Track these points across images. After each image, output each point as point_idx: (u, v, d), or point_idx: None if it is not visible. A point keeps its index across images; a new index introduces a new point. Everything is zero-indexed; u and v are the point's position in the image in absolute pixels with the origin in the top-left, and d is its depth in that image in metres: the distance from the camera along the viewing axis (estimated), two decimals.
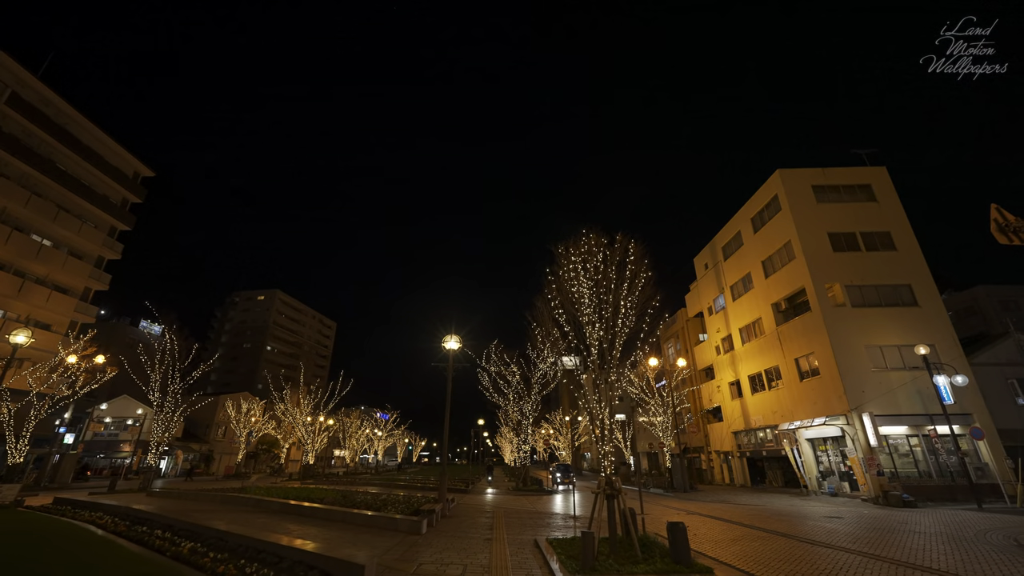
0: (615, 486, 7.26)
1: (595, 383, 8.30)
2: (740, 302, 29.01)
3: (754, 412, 26.96)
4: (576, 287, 8.98)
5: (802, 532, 10.91)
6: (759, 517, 13.70)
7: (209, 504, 14.17)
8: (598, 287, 8.89)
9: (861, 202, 24.19)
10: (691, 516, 13.95)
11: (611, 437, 7.80)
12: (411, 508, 10.83)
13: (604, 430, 7.81)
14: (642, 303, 8.91)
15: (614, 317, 8.64)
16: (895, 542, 9.64)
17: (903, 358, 20.59)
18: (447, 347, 13.50)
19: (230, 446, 47.66)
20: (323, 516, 11.05)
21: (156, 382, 23.57)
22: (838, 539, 10.00)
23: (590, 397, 8.10)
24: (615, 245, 9.15)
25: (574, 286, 9.02)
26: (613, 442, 7.97)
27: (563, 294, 9.00)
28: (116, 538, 7.09)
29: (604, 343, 8.43)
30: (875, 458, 18.71)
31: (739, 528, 11.50)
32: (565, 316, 8.96)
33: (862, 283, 22.13)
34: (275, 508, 12.44)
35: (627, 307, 8.72)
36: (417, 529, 9.09)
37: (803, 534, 10.66)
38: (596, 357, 8.48)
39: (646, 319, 8.87)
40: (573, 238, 9.16)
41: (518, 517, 12.66)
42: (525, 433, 27.05)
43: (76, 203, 34.66)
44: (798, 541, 9.75)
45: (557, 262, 9.42)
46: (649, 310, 8.90)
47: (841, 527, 11.78)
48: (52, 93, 32.67)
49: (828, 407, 20.74)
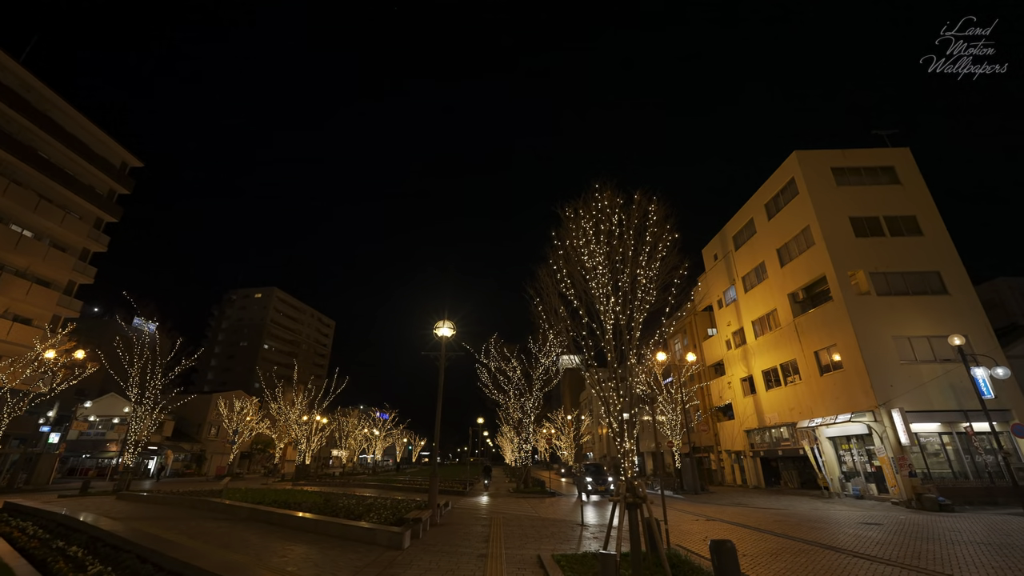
0: (639, 492, 5.82)
1: (611, 368, 6.86)
2: (753, 293, 27.52)
3: (769, 409, 25.47)
4: (588, 255, 7.54)
5: (846, 543, 9.46)
6: (788, 524, 12.24)
7: (175, 509, 12.78)
8: (613, 253, 7.45)
9: (884, 185, 22.70)
10: (711, 523, 12.50)
11: (631, 433, 6.35)
12: (395, 516, 9.42)
13: (623, 425, 6.36)
14: (665, 273, 7.45)
15: (632, 290, 7.19)
16: (956, 557, 8.19)
17: (933, 350, 19.11)
18: (439, 334, 12.08)
19: (223, 446, 46.30)
20: (294, 525, 9.63)
21: (134, 377, 22.18)
22: (890, 552, 8.56)
23: (606, 384, 6.66)
24: (632, 207, 7.70)
25: (584, 254, 7.58)
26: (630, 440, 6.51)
27: (571, 263, 7.56)
28: (15, 559, 5.69)
29: (621, 320, 6.98)
30: (907, 458, 17.25)
31: (772, 538, 10.05)
32: (574, 290, 7.52)
33: (887, 270, 20.65)
34: (243, 515, 11.03)
35: (648, 278, 7.27)
36: (398, 543, 7.67)
37: (847, 545, 9.21)
38: (611, 338, 7.03)
39: (672, 290, 7.43)
40: (583, 197, 7.71)
41: (519, 525, 11.23)
42: (526, 432, 25.62)
43: (59, 193, 33.30)
44: (846, 555, 8.31)
45: (564, 227, 7.98)
46: (676, 279, 7.45)
47: (885, 536, 10.33)
48: (34, 78, 31.30)
49: (852, 403, 19.27)
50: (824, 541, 9.69)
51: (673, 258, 7.60)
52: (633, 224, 7.58)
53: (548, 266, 7.98)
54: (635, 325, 7.01)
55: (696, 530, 11.17)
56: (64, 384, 26.09)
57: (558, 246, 7.73)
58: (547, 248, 7.93)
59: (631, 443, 6.28)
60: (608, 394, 6.72)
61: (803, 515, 14.38)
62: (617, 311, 7.07)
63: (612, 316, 7.15)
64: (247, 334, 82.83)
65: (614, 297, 7.21)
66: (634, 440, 20.78)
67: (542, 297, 7.89)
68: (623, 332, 7.00)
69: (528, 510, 15.29)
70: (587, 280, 7.48)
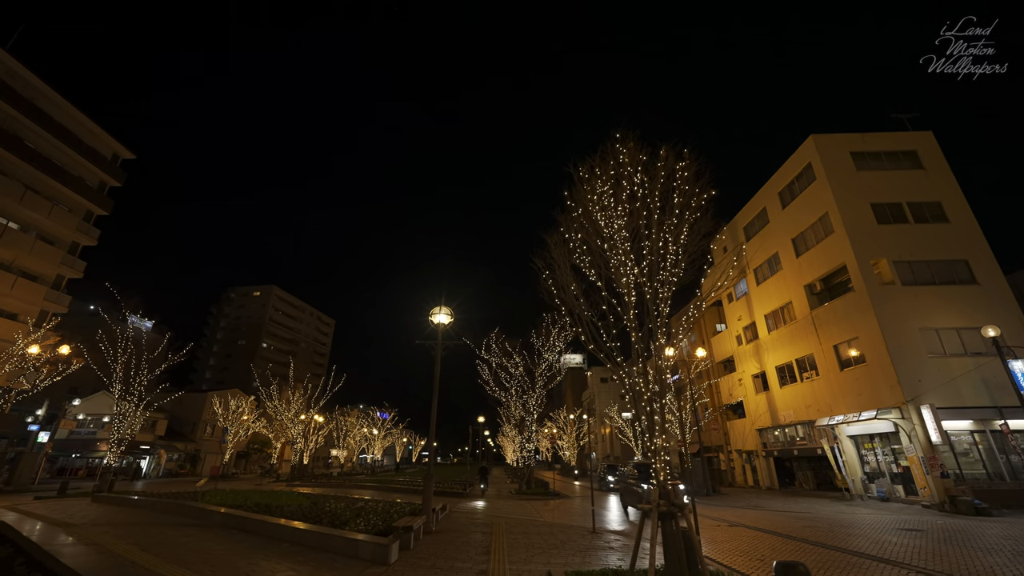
0: (676, 500, 4.70)
1: (638, 349, 5.74)
2: (766, 286, 26.35)
3: (783, 407, 24.31)
4: (606, 221, 6.42)
5: (895, 554, 8.32)
6: (820, 530, 11.11)
7: (146, 513, 11.70)
8: (636, 218, 6.33)
9: (906, 169, 21.52)
10: (735, 529, 11.37)
11: (663, 425, 5.22)
12: (384, 522, 8.31)
13: (655, 415, 5.23)
14: (697, 240, 6.33)
15: (660, 258, 6.07)
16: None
17: (963, 342, 17.95)
18: (435, 321, 10.97)
19: (218, 445, 45.23)
20: (268, 533, 8.53)
21: (118, 373, 21.10)
22: (951, 566, 7.42)
23: (634, 369, 5.53)
24: (658, 163, 6.57)
25: (602, 220, 6.46)
26: (662, 436, 5.39)
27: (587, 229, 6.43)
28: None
29: (647, 292, 5.86)
30: (938, 457, 16.08)
31: (808, 548, 8.91)
32: (591, 257, 6.40)
33: (912, 258, 19.48)
34: (216, 520, 9.94)
35: (678, 247, 6.15)
36: (383, 557, 6.55)
37: (897, 556, 8.07)
38: (634, 315, 5.91)
39: (709, 257, 6.31)
40: (599, 152, 6.58)
41: (523, 532, 10.11)
42: (529, 430, 24.50)
43: (47, 184, 32.26)
44: (902, 568, 7.17)
45: (577, 188, 6.85)
46: (712, 245, 6.33)
47: (934, 545, 9.19)
48: (20, 65, 30.25)
49: (877, 399, 18.10)
50: (868, 551, 8.55)
51: (707, 223, 6.47)
52: (659, 184, 6.45)
53: (559, 234, 6.85)
54: (663, 298, 5.88)
55: (720, 538, 10.05)
56: (48, 380, 25.06)
57: (572, 207, 6.61)
58: (558, 212, 6.82)
59: (663, 439, 5.15)
60: (633, 382, 5.59)
61: (831, 519, 13.24)
62: (643, 281, 5.94)
63: (634, 289, 6.03)
64: (245, 333, 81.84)
65: (638, 267, 6.09)
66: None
67: (553, 271, 6.75)
68: (649, 308, 5.87)
69: (532, 514, 14.17)
70: (606, 250, 6.36)
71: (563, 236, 6.79)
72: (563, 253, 6.68)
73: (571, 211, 6.65)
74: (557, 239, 6.70)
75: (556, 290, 6.67)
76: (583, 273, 6.70)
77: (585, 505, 17.34)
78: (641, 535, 5.08)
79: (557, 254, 6.70)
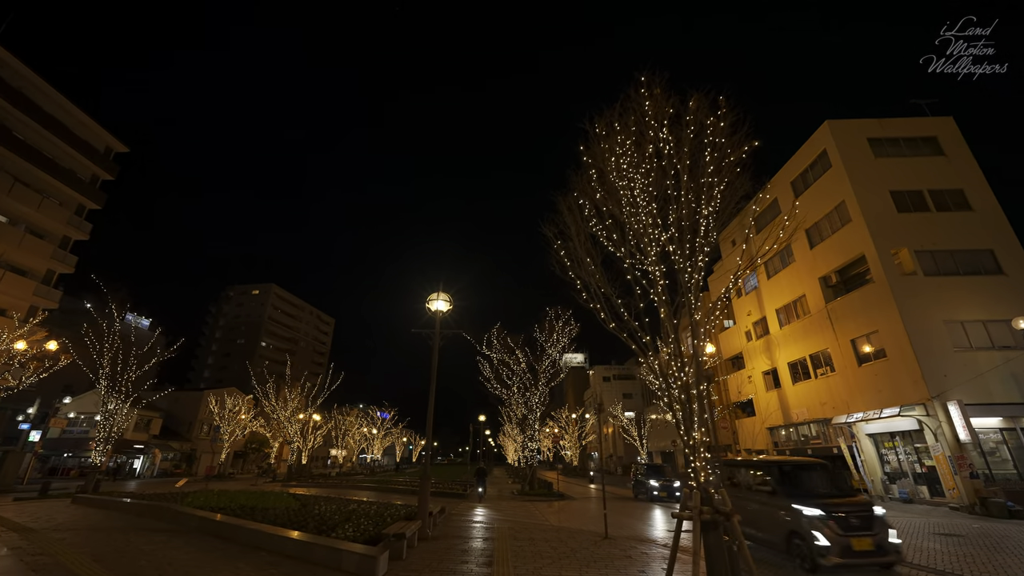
0: (722, 507, 3.82)
1: (666, 326, 4.86)
2: (777, 279, 25.44)
3: (796, 404, 23.40)
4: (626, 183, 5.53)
5: (948, 564, 7.42)
6: None
7: (119, 516, 10.84)
8: (663, 176, 5.45)
9: (926, 156, 20.60)
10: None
11: (703, 417, 4.35)
12: (376, 528, 7.44)
13: (691, 404, 4.35)
14: (734, 204, 5.45)
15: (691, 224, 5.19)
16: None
17: (990, 335, 17.04)
18: (433, 308, 10.09)
19: (214, 445, 44.40)
20: (244, 540, 7.64)
21: (104, 369, 20.25)
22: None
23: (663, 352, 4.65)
24: (687, 116, 5.68)
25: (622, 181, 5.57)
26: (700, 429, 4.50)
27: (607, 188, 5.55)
28: None
29: (676, 261, 4.97)
30: (967, 457, 15.17)
31: None
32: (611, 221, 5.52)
33: (934, 248, 18.57)
34: (192, 525, 9.07)
35: (711, 211, 5.27)
36: (370, 570, 5.67)
37: (953, 568, 7.17)
38: (662, 287, 5.03)
39: (752, 221, 5.44)
40: (620, 102, 5.69)
41: (529, 538, 9.23)
42: (532, 429, 23.61)
43: (37, 176, 31.44)
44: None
45: (594, 146, 5.96)
46: (755, 205, 5.46)
47: (978, 552, 8.30)
48: (7, 54, 29.40)
49: (899, 395, 17.19)
50: (913, 559, 7.66)
51: (744, 184, 5.59)
52: (689, 139, 5.56)
53: (572, 199, 5.96)
54: (696, 266, 4.99)
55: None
56: (34, 377, 24.23)
57: (588, 163, 5.73)
58: (571, 174, 5.92)
59: (702, 432, 4.28)
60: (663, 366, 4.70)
61: None
62: (672, 249, 5.05)
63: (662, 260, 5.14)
64: (244, 332, 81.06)
65: (666, 233, 5.21)
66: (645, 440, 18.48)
67: (565, 241, 5.86)
68: (681, 278, 4.99)
69: (538, 517, 13.30)
70: (628, 215, 5.47)
71: (577, 201, 5.90)
72: (578, 220, 5.79)
73: (587, 168, 5.76)
74: (571, 203, 5.81)
75: (569, 262, 5.78)
76: (600, 243, 5.82)
77: (592, 507, 16.48)
78: (676, 547, 4.19)
79: (571, 220, 5.81)
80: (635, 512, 15.51)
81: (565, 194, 5.92)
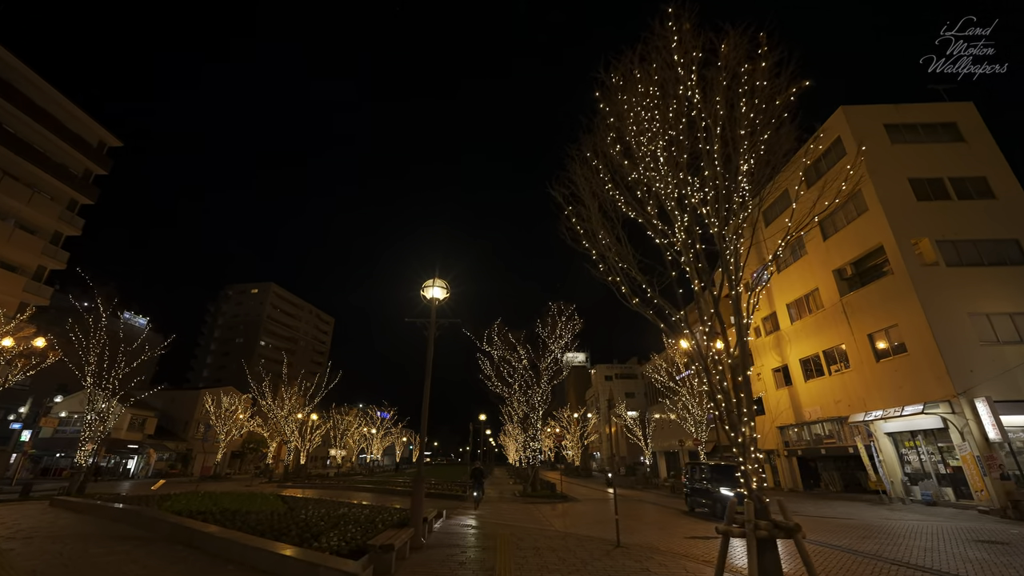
0: (782, 521, 3.00)
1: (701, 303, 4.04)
2: (788, 273, 24.59)
3: (808, 403, 22.54)
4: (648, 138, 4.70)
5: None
6: (884, 542, 9.38)
7: (90, 522, 10.07)
8: (694, 131, 4.62)
9: (946, 143, 19.75)
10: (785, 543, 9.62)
11: (751, 408, 3.53)
12: (365, 537, 6.64)
13: (739, 393, 3.54)
14: (779, 158, 4.64)
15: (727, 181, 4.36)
16: None
17: (1018, 329, 16.18)
18: (428, 296, 9.29)
19: (211, 445, 43.64)
20: (214, 550, 6.85)
21: (90, 366, 19.48)
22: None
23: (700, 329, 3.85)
24: (719, 63, 4.85)
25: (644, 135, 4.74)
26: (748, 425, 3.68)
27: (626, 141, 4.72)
28: None
29: (713, 225, 4.15)
30: (997, 457, 14.31)
31: (892, 568, 7.19)
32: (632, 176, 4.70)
33: (956, 238, 17.71)
34: (164, 531, 8.30)
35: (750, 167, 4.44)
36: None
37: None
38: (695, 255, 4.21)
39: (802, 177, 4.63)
40: (641, 42, 4.87)
41: (533, 546, 8.41)
42: (534, 429, 22.79)
43: (27, 170, 30.70)
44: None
45: (610, 98, 5.13)
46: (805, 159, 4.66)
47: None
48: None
49: (921, 392, 16.34)
50: (958, 572, 6.82)
51: (787, 139, 4.76)
52: (721, 87, 4.73)
53: (586, 161, 5.13)
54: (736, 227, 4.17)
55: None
56: (21, 375, 23.51)
57: (606, 112, 4.91)
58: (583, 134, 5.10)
59: (751, 428, 3.47)
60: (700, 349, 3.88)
61: (884, 528, 11.50)
62: (706, 212, 4.23)
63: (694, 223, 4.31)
64: (243, 331, 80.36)
65: (700, 193, 4.38)
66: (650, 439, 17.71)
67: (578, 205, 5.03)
68: (719, 243, 4.16)
69: (541, 521, 12.47)
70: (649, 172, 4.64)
71: (591, 161, 5.07)
72: (592, 181, 4.97)
73: (604, 118, 4.93)
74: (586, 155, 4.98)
75: (582, 230, 4.96)
76: (617, 208, 4.99)
77: (598, 510, 15.65)
78: (722, 563, 3.36)
79: (584, 182, 4.99)
80: (639, 513, 14.69)
81: (579, 147, 5.09)
